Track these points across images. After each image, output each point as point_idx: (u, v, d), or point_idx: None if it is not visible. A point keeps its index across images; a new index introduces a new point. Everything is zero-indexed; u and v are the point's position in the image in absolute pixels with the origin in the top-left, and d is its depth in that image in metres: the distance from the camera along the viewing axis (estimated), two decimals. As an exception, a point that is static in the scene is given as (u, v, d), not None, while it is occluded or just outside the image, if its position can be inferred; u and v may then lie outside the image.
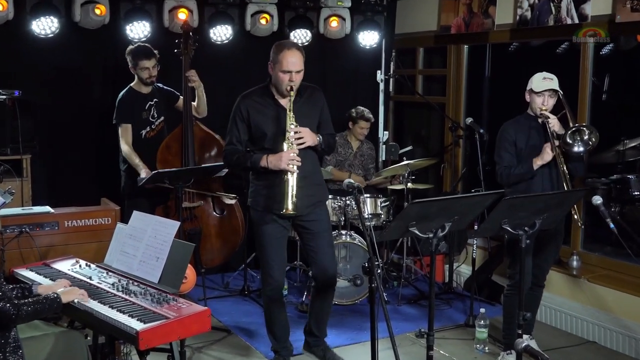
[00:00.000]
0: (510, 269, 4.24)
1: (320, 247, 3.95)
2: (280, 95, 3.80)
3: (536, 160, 4.06)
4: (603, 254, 5.20)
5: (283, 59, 3.66)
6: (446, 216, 3.11)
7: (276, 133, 3.77)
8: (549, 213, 3.36)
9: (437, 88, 6.60)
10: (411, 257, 5.97)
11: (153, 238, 3.31)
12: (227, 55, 5.78)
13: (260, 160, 3.73)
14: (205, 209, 5.21)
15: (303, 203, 3.79)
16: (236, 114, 3.82)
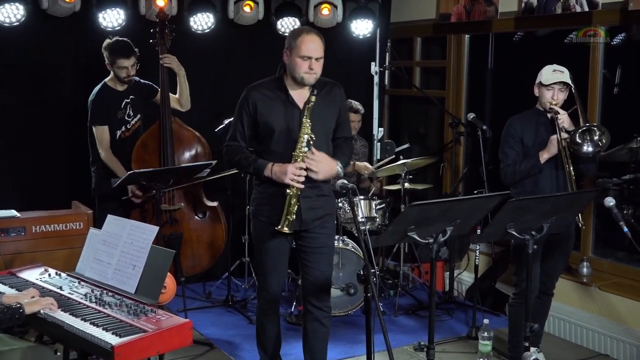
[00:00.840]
0: (516, 276, 4.24)
1: (316, 263, 3.78)
2: (295, 88, 3.65)
3: (543, 153, 4.07)
4: (615, 259, 5.23)
5: (302, 44, 3.54)
6: (447, 220, 3.12)
7: (286, 133, 3.63)
8: (558, 216, 3.38)
9: (436, 81, 6.61)
10: (409, 264, 5.99)
11: (129, 244, 3.29)
12: (209, 46, 5.77)
13: (264, 169, 3.61)
14: (186, 211, 5.20)
15: (308, 216, 3.69)
16: (242, 107, 3.68)
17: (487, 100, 6.25)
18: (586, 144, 4.01)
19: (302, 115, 3.61)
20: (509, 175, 4.15)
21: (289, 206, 3.60)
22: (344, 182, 3.26)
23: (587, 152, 4.00)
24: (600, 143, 4.00)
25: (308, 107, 3.59)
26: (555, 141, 4.04)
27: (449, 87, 6.26)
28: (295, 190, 3.59)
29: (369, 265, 2.95)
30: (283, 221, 3.61)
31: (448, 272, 5.79)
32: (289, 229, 3.61)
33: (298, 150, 3.59)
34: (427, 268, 5.94)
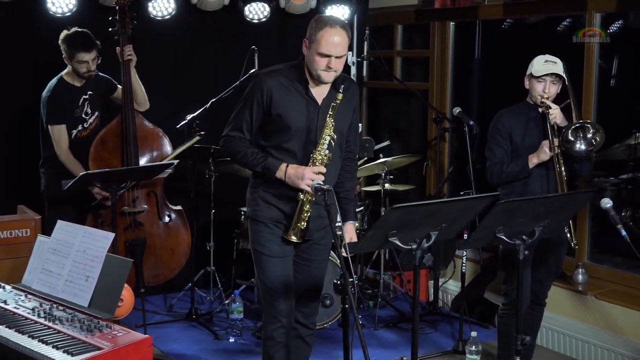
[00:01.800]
0: (506, 284, 4.28)
1: (308, 276, 3.72)
2: (314, 82, 3.54)
3: (532, 157, 4.11)
4: (612, 265, 5.30)
5: (322, 38, 3.39)
6: (432, 224, 3.13)
7: (303, 131, 3.52)
8: (551, 219, 3.40)
9: (418, 72, 6.64)
10: (389, 272, 6.01)
11: (82, 253, 3.27)
12: (170, 34, 5.75)
13: (277, 170, 3.49)
14: (149, 214, 5.19)
15: (315, 225, 3.61)
16: (254, 94, 3.52)
17: (474, 94, 6.29)
18: (579, 141, 4.05)
19: (319, 113, 3.51)
20: (495, 175, 4.18)
21: (301, 212, 3.52)
22: (319, 182, 3.26)
23: (580, 150, 4.04)
24: (594, 142, 4.04)
25: (334, 105, 3.48)
26: (546, 147, 4.07)
27: (432, 79, 6.29)
28: (310, 196, 3.48)
29: (346, 273, 2.94)
30: (292, 228, 3.53)
31: (432, 281, 5.82)
32: (297, 237, 3.54)
33: (318, 153, 3.50)
34: (410, 276, 5.96)
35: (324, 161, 3.50)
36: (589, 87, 5.12)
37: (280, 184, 3.52)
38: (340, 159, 3.68)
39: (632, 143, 5.25)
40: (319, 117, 3.53)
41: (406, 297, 5.94)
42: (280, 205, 3.58)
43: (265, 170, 3.52)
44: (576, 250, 5.21)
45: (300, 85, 3.53)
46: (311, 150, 3.52)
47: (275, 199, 3.58)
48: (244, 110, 3.56)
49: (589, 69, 5.12)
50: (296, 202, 3.52)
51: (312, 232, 3.62)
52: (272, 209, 3.59)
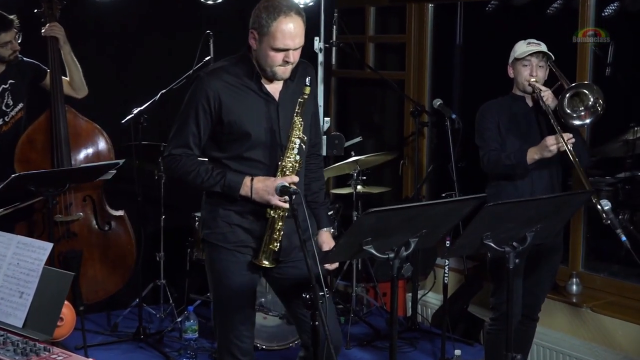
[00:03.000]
0: (494, 297, 4.30)
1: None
2: (267, 77, 3.40)
3: (532, 152, 4.09)
4: (609, 274, 5.35)
5: (277, 30, 3.24)
6: (411, 230, 3.13)
7: (264, 135, 3.38)
8: (544, 223, 3.42)
9: (393, 60, 6.65)
10: (362, 284, 6.02)
11: (15, 266, 3.22)
12: (112, 17, 5.72)
13: (240, 187, 3.34)
14: (86, 223, 5.14)
15: (289, 243, 3.46)
16: (198, 101, 3.35)
17: (456, 84, 6.32)
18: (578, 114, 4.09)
19: (279, 111, 3.40)
20: (492, 161, 4.14)
21: (272, 232, 3.37)
22: (283, 184, 3.24)
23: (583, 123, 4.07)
24: (598, 107, 4.07)
25: (302, 101, 3.34)
26: (552, 141, 4.01)
27: (409, 68, 6.32)
28: (283, 212, 3.36)
29: (316, 286, 2.92)
30: (263, 252, 3.38)
31: (410, 294, 5.84)
32: (269, 262, 3.40)
33: (287, 159, 3.37)
34: (385, 289, 5.99)
35: (296, 168, 3.39)
36: (583, 77, 5.17)
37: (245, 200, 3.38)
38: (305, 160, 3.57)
39: (630, 138, 5.32)
40: (280, 116, 3.41)
41: (381, 312, 5.96)
42: (245, 224, 3.43)
43: (226, 189, 3.36)
44: (570, 258, 5.27)
45: (252, 82, 3.38)
46: (279, 157, 3.39)
47: (239, 217, 3.43)
48: (187, 122, 3.38)
49: (582, 56, 5.18)
50: (265, 220, 3.39)
51: (287, 252, 3.48)
52: (237, 230, 3.44)
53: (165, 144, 4.09)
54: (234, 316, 3.52)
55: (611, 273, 5.40)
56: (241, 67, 3.40)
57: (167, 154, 3.45)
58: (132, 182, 5.30)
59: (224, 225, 3.45)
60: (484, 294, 5.41)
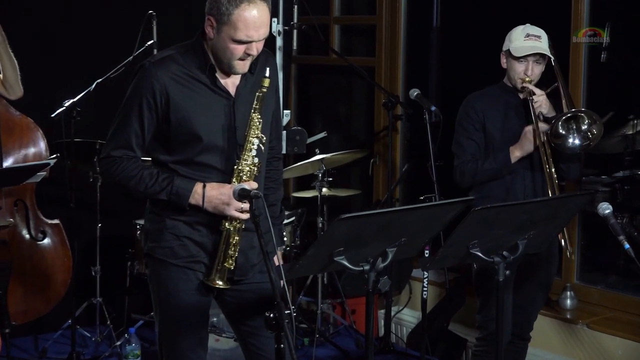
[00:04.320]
0: (481, 314, 4.31)
1: (259, 328, 3.48)
2: (223, 70, 3.36)
3: (514, 150, 4.15)
4: (607, 287, 5.40)
5: (239, 20, 3.17)
6: (389, 238, 3.11)
7: (218, 136, 3.35)
8: (538, 229, 3.42)
9: (362, 44, 6.65)
10: (329, 300, 6.00)
11: None
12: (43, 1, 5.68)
13: (190, 195, 3.30)
14: (17, 230, 5.11)
15: (247, 260, 3.44)
16: (142, 95, 3.29)
17: (433, 71, 6.32)
18: (571, 136, 4.11)
19: (235, 108, 3.35)
20: (467, 174, 4.20)
21: (227, 247, 3.32)
22: (243, 186, 3.21)
23: (573, 146, 4.11)
24: (590, 135, 4.10)
25: (260, 95, 3.31)
26: (530, 134, 4.11)
27: (380, 53, 6.33)
28: (238, 223, 3.33)
29: (281, 304, 2.90)
30: (217, 270, 3.33)
31: (383, 310, 5.83)
32: (224, 282, 3.34)
33: (244, 163, 3.33)
34: (355, 305, 5.97)
35: (254, 173, 3.34)
36: (577, 63, 5.21)
37: (196, 210, 3.33)
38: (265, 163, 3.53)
39: (630, 133, 5.36)
40: (236, 113, 3.36)
41: (350, 332, 5.94)
42: (196, 237, 3.38)
43: (174, 197, 3.30)
44: (563, 269, 5.30)
45: (204, 75, 3.33)
46: (235, 160, 3.35)
47: (189, 229, 3.38)
48: (129, 119, 3.32)
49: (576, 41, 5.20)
50: (219, 232, 3.34)
51: (243, 271, 3.44)
52: (186, 244, 3.39)
53: (102, 141, 4.04)
54: (183, 340, 3.47)
55: (609, 285, 5.45)
56: (192, 58, 3.34)
57: (104, 156, 3.39)
58: (63, 186, 5.26)
59: (172, 238, 3.39)
60: (466, 310, 5.42)
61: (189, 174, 3.33)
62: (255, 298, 3.47)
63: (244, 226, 3.34)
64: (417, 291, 5.64)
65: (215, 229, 3.34)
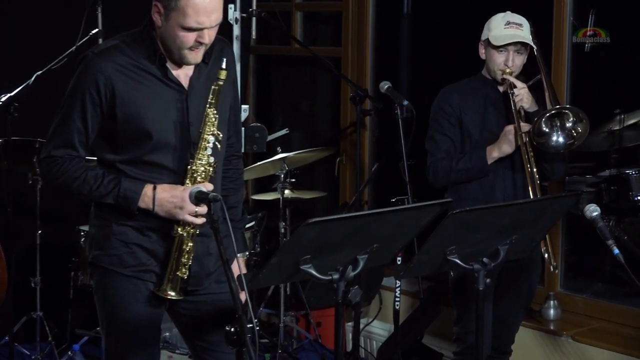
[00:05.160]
0: (459, 326, 4.33)
1: (217, 343, 3.49)
2: (175, 61, 3.34)
3: (491, 150, 4.17)
4: (592, 295, 5.44)
5: (188, 5, 3.15)
6: (360, 244, 3.11)
7: (170, 133, 3.33)
8: (520, 234, 3.44)
9: (327, 33, 6.65)
10: (291, 312, 5.99)
11: None
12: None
13: (139, 197, 3.27)
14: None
15: (201, 268, 3.44)
16: (85, 89, 3.28)
17: (403, 62, 6.33)
18: (555, 134, 4.13)
19: (188, 102, 3.34)
20: (440, 174, 4.22)
21: (180, 254, 3.32)
22: (200, 189, 3.19)
23: (557, 145, 4.13)
24: (575, 133, 4.13)
25: (216, 88, 3.30)
26: (511, 134, 4.12)
27: (347, 43, 6.34)
28: (192, 229, 3.32)
29: (243, 317, 2.91)
30: (169, 280, 3.32)
31: (351, 323, 5.82)
32: (176, 292, 3.34)
33: (199, 162, 3.32)
34: (320, 317, 5.97)
35: (209, 173, 3.34)
36: (560, 54, 5.24)
37: (146, 214, 3.32)
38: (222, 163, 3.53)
39: (616, 129, 5.40)
40: (190, 108, 3.36)
41: (315, 346, 5.95)
42: (147, 244, 3.38)
43: (121, 201, 3.29)
44: (545, 277, 5.32)
45: (154, 65, 3.32)
46: (188, 160, 3.34)
47: (138, 235, 3.37)
48: (71, 115, 3.31)
49: (559, 30, 5.25)
50: (171, 238, 3.34)
51: (198, 280, 3.44)
52: (136, 251, 3.38)
53: (42, 140, 4.01)
54: (132, 357, 3.47)
55: (595, 293, 5.50)
56: (140, 47, 3.33)
57: (45, 156, 3.37)
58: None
59: (119, 245, 3.38)
60: (442, 322, 5.43)
61: (138, 175, 3.32)
62: (212, 310, 3.47)
63: (198, 231, 3.33)
64: (389, 301, 5.64)
65: (167, 234, 3.33)
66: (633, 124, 5.43)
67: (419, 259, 3.43)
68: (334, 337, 3.27)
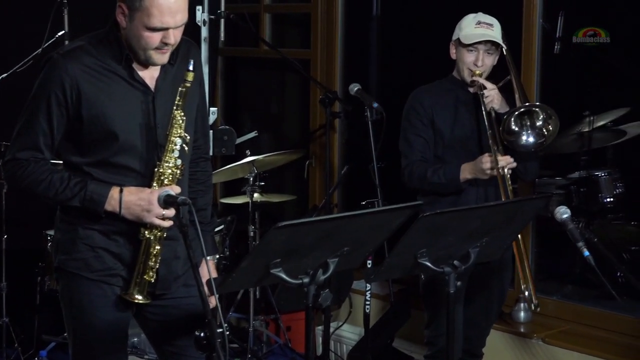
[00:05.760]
0: (430, 329, 4.33)
1: (184, 347, 3.49)
2: (141, 62, 3.33)
3: (465, 170, 4.17)
4: (563, 297, 5.47)
5: (153, 5, 3.15)
6: (330, 248, 3.11)
7: (137, 134, 3.32)
8: (491, 236, 3.44)
9: (296, 35, 6.65)
10: (261, 316, 5.97)
11: None
12: None
13: (106, 199, 3.26)
14: None
15: (169, 271, 3.42)
16: (51, 90, 3.26)
17: (373, 64, 6.35)
18: (525, 132, 4.14)
19: (155, 103, 3.33)
20: (416, 177, 4.22)
21: (147, 258, 3.30)
22: (168, 192, 3.18)
23: (527, 144, 4.14)
24: (546, 131, 4.14)
25: (183, 90, 3.30)
26: (487, 163, 4.09)
27: (315, 45, 6.34)
28: (159, 232, 3.30)
29: (212, 322, 2.89)
30: (136, 284, 3.30)
31: (321, 327, 5.81)
32: (144, 296, 3.32)
33: (166, 165, 3.31)
34: (290, 321, 5.96)
35: (176, 176, 3.33)
36: (530, 56, 5.26)
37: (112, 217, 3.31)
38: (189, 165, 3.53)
39: (585, 130, 5.44)
40: (156, 109, 3.35)
41: (285, 351, 5.94)
42: (113, 247, 3.36)
43: (88, 203, 3.27)
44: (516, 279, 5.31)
45: (120, 66, 3.31)
46: (155, 162, 3.33)
47: (104, 239, 3.36)
48: (36, 117, 3.29)
49: (529, 31, 5.27)
50: (138, 242, 3.32)
51: (166, 284, 3.42)
52: (102, 255, 3.37)
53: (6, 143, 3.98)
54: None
55: (565, 296, 5.53)
56: (106, 48, 3.32)
57: (9, 158, 3.34)
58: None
59: (86, 249, 3.37)
60: (413, 325, 5.43)
61: (105, 177, 3.31)
62: (180, 314, 3.47)
63: (165, 234, 3.32)
64: (359, 305, 5.64)
65: (134, 238, 3.32)
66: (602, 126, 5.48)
67: (390, 262, 3.43)
68: (305, 341, 3.26)
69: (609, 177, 5.53)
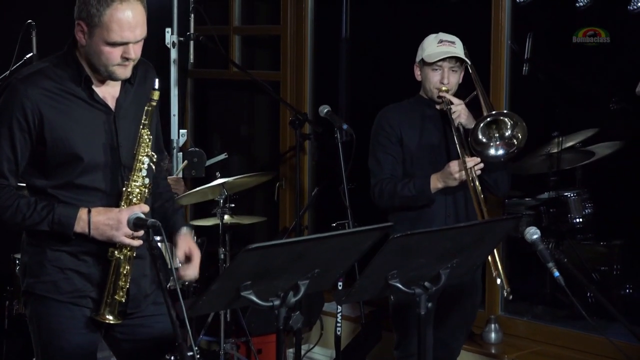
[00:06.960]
0: (399, 350, 4.33)
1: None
2: (99, 77, 3.34)
3: (435, 179, 4.18)
4: (533, 318, 5.49)
5: (112, 20, 3.16)
6: (301, 270, 3.11)
7: (100, 155, 3.33)
8: (461, 257, 3.45)
9: (265, 57, 6.66)
10: (232, 339, 5.95)
11: None
12: None
13: (75, 221, 3.26)
14: None
15: (139, 290, 3.43)
16: (12, 116, 3.26)
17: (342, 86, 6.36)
18: (493, 143, 4.16)
19: (116, 122, 3.33)
20: (385, 195, 4.22)
21: (117, 278, 3.30)
22: (138, 215, 3.17)
23: (497, 155, 4.15)
24: (515, 140, 4.16)
25: (149, 109, 3.33)
26: (456, 168, 4.10)
27: (285, 67, 6.36)
28: (129, 251, 3.31)
29: (183, 345, 2.88)
30: (107, 304, 3.30)
31: (293, 349, 5.80)
32: (114, 316, 3.32)
33: (134, 184, 3.32)
34: (261, 344, 5.93)
35: (145, 195, 3.34)
36: (498, 77, 5.30)
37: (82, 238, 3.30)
38: None
39: (554, 151, 5.47)
40: (118, 129, 3.36)
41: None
42: (82, 268, 3.35)
43: (57, 227, 3.27)
44: (486, 300, 5.35)
45: (79, 87, 3.32)
46: (122, 182, 3.34)
47: (73, 260, 3.35)
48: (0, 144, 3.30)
49: (497, 53, 5.31)
50: (107, 262, 3.32)
51: (136, 302, 3.44)
52: (71, 277, 3.36)
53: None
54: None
55: (535, 316, 5.54)
56: (64, 70, 3.32)
57: None
58: None
59: (54, 271, 3.35)
60: (384, 346, 5.43)
61: (70, 199, 3.31)
62: (150, 333, 3.47)
63: (134, 254, 3.32)
64: (330, 327, 5.64)
65: (103, 258, 3.31)
66: (571, 147, 5.52)
67: (360, 284, 3.43)
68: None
69: (578, 198, 5.56)
